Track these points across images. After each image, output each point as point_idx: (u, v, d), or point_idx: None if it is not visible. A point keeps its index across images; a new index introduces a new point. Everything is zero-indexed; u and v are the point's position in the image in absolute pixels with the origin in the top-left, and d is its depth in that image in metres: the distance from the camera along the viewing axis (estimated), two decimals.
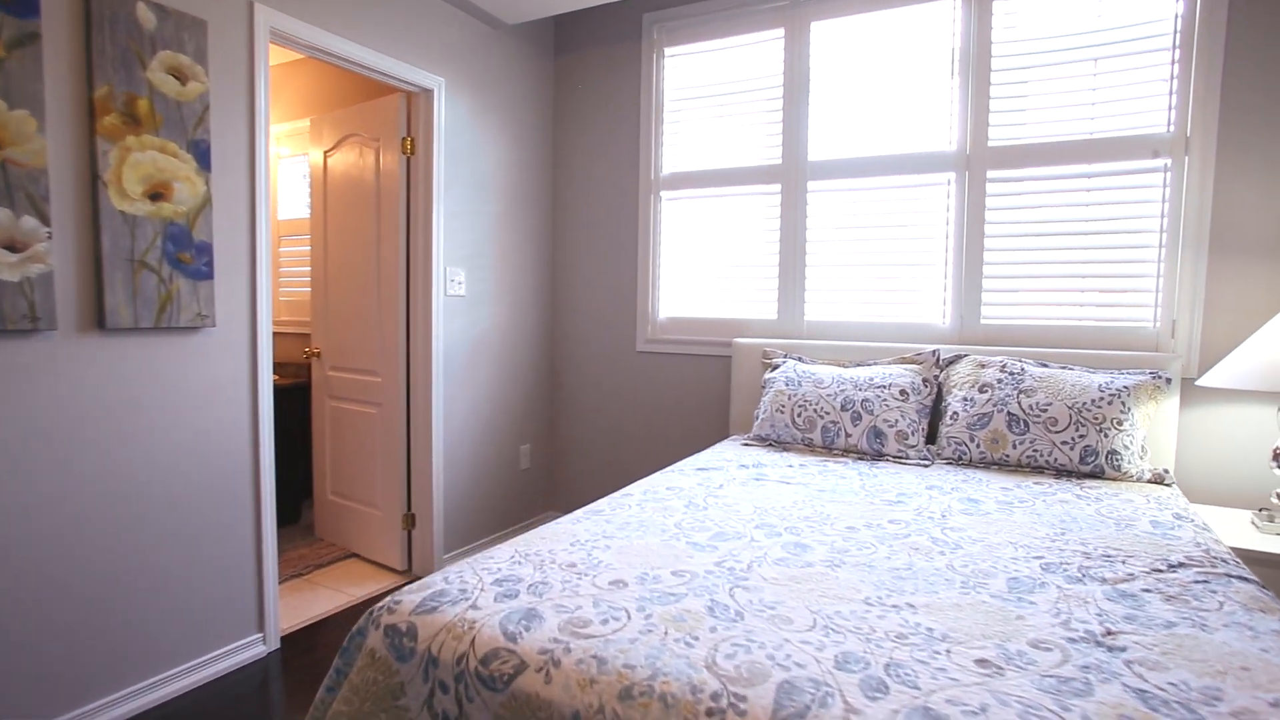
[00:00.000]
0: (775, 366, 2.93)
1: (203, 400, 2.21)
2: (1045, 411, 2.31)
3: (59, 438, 1.87)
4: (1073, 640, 1.14)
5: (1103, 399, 2.26)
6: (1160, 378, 2.31)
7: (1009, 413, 2.36)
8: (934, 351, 2.68)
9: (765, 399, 2.78)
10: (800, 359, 2.93)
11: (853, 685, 0.99)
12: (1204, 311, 2.46)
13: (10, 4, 1.70)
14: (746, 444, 2.76)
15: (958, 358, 2.68)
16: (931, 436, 2.66)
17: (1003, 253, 2.76)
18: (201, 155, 2.13)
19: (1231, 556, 1.55)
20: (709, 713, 0.96)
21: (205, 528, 2.23)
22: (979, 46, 2.74)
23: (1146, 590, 1.35)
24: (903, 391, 2.56)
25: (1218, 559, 1.51)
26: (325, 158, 3.40)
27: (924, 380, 2.61)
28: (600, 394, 3.67)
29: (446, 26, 3.04)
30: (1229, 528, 2.18)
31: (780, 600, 1.28)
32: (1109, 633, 1.17)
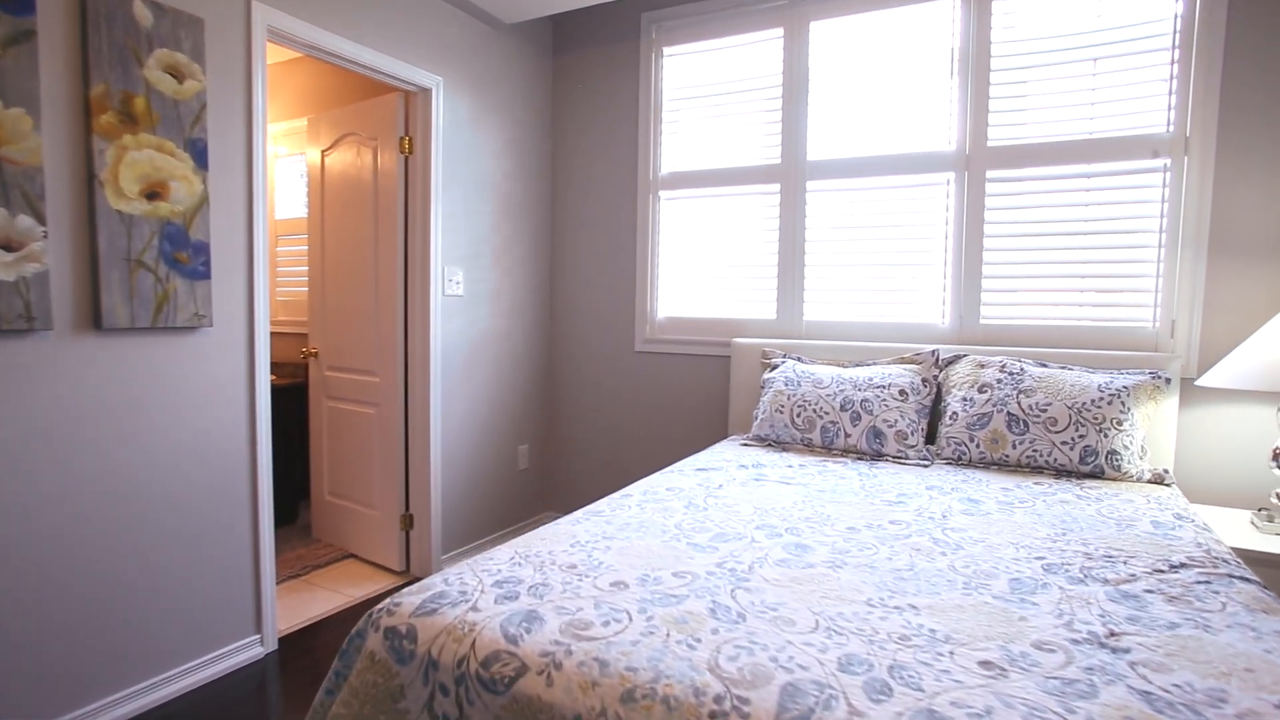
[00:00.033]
0: (774, 366, 2.92)
1: (200, 400, 2.20)
2: (1045, 411, 2.30)
3: (55, 438, 1.86)
4: (1076, 641, 1.14)
5: (1102, 399, 2.26)
6: (1160, 378, 2.31)
7: (1008, 413, 2.36)
8: (933, 351, 2.68)
9: (764, 399, 2.77)
10: (799, 359, 2.93)
11: (856, 687, 0.99)
12: (1203, 311, 2.46)
13: (6, 1, 1.69)
14: (746, 444, 2.76)
15: (957, 358, 2.68)
16: (931, 437, 2.65)
17: (1002, 253, 2.76)
18: (199, 154, 2.12)
19: (1233, 557, 1.55)
20: (712, 716, 0.95)
21: (203, 528, 2.22)
22: (978, 46, 2.74)
23: (1149, 591, 1.35)
24: (902, 391, 2.55)
25: (1219, 559, 1.51)
26: (323, 157, 3.39)
27: (923, 380, 2.60)
28: (599, 394, 3.67)
29: (445, 25, 3.03)
30: (1228, 528, 2.18)
31: (782, 602, 1.28)
32: (1112, 634, 1.16)
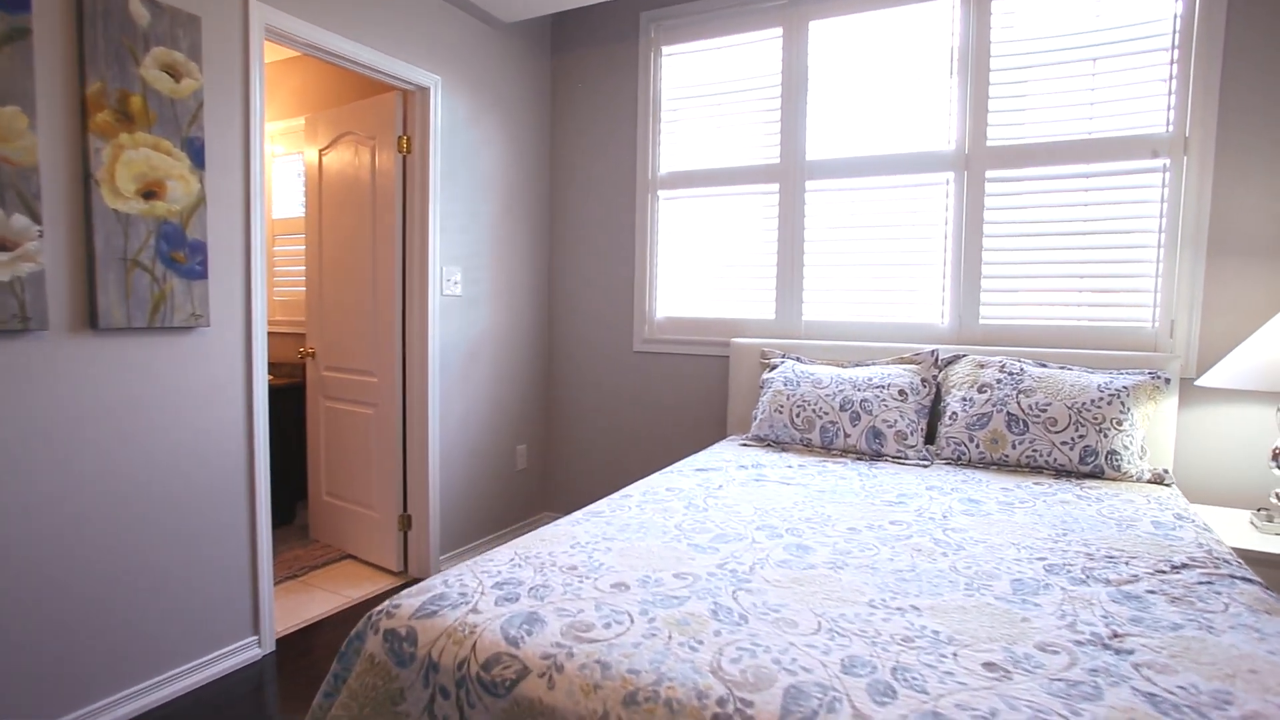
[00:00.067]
0: (773, 366, 2.92)
1: (197, 401, 2.19)
2: (1045, 412, 2.30)
3: (51, 439, 1.84)
4: (1079, 643, 1.13)
5: (1102, 399, 2.26)
6: (1159, 378, 2.31)
7: (1008, 413, 2.35)
8: (932, 351, 2.68)
9: (763, 399, 2.77)
10: (798, 359, 2.92)
11: (860, 690, 0.98)
12: (1202, 311, 2.46)
13: None
14: (745, 444, 2.75)
15: (956, 358, 2.68)
16: (930, 437, 2.65)
17: (1001, 252, 2.76)
18: (196, 153, 2.11)
19: (1234, 557, 1.54)
20: (715, 718, 0.94)
21: (200, 529, 2.21)
22: (978, 46, 2.74)
23: (1151, 592, 1.34)
24: (901, 392, 2.55)
25: (1221, 560, 1.51)
26: (320, 156, 3.38)
27: (922, 380, 2.60)
28: (597, 394, 3.66)
29: (443, 24, 3.02)
30: (1228, 528, 2.18)
31: (784, 603, 1.27)
32: (1115, 635, 1.16)
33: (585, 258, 3.66)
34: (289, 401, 3.77)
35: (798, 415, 2.64)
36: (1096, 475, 2.25)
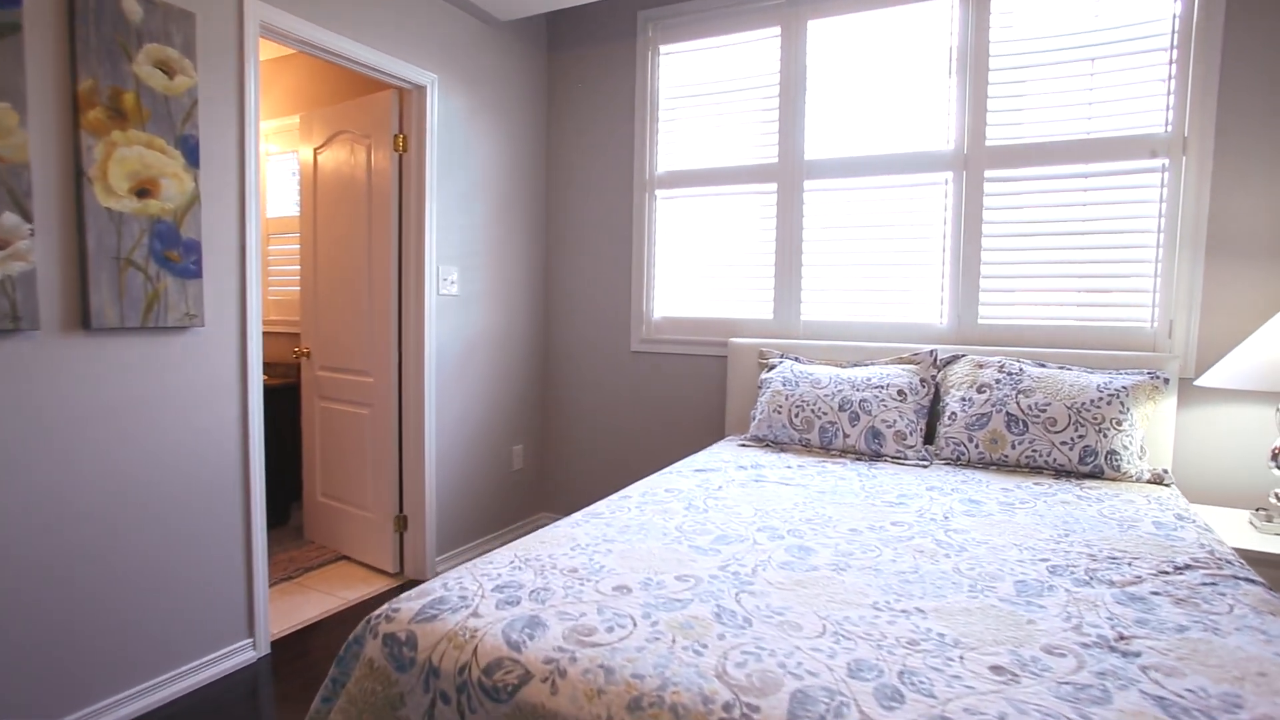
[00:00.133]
0: (772, 367, 2.91)
1: (191, 401, 2.16)
2: (1044, 412, 2.30)
3: (43, 441, 1.81)
4: (1086, 645, 1.12)
5: (1101, 399, 2.26)
6: (1158, 378, 2.31)
7: (1008, 413, 2.35)
8: (931, 352, 2.67)
9: (762, 399, 2.76)
10: (797, 359, 2.91)
11: (867, 694, 0.97)
12: (1201, 311, 2.46)
13: None
14: (744, 445, 2.74)
15: (955, 358, 2.67)
16: (929, 437, 2.64)
17: (1000, 252, 2.75)
18: (190, 151, 2.08)
19: (1236, 558, 1.54)
20: None
21: (195, 530, 2.18)
22: (976, 46, 2.74)
23: (1155, 593, 1.34)
24: (900, 392, 2.54)
25: (1223, 560, 1.50)
26: (315, 155, 3.35)
27: (921, 380, 2.59)
28: (594, 394, 3.64)
29: (439, 22, 3.00)
30: (1227, 528, 2.18)
31: (788, 606, 1.26)
32: (1122, 637, 1.15)
33: (582, 257, 3.64)
34: (283, 402, 3.75)
35: (796, 415, 2.63)
36: (1096, 475, 2.25)
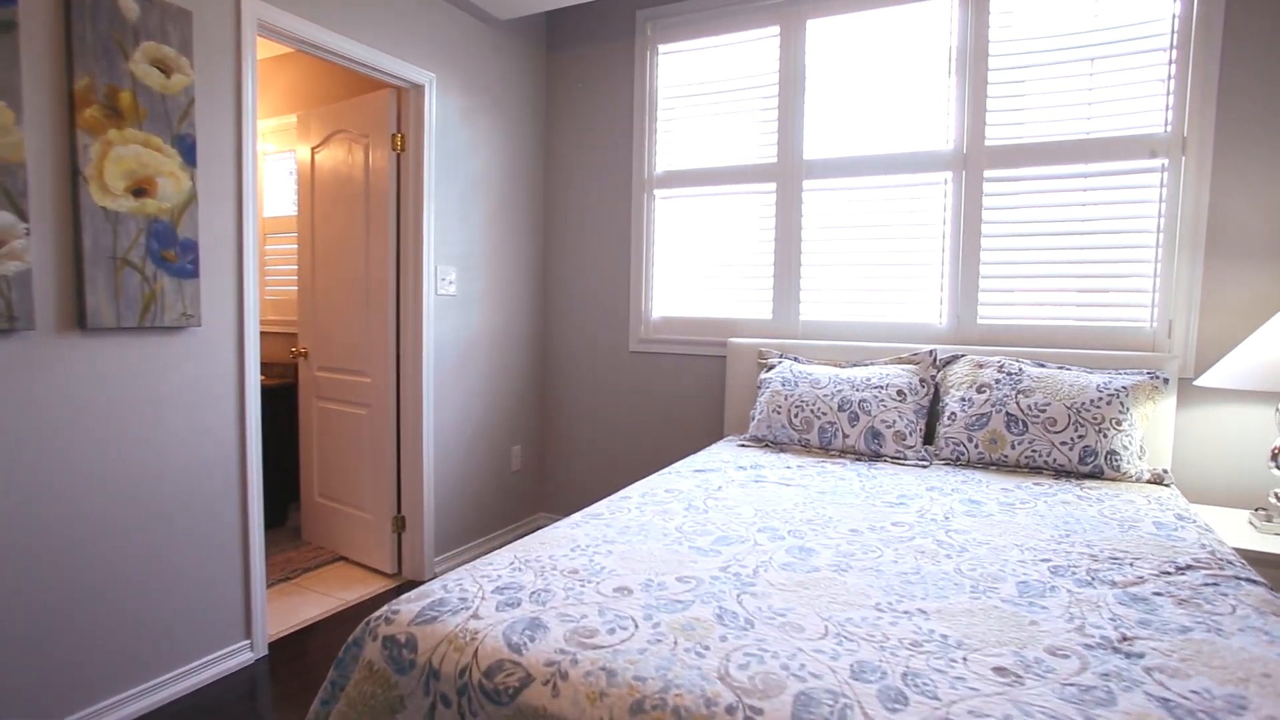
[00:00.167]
0: (771, 367, 2.90)
1: (188, 402, 2.15)
2: (1044, 412, 2.30)
3: (37, 441, 1.80)
4: (1089, 646, 1.12)
5: (1101, 399, 2.26)
6: (1158, 378, 2.31)
7: (1007, 413, 2.35)
8: (931, 352, 2.67)
9: (761, 399, 2.75)
10: (796, 359, 2.91)
11: (871, 696, 0.96)
12: (1200, 312, 2.47)
13: None
14: (743, 445, 2.73)
15: (955, 358, 2.67)
16: (929, 437, 2.64)
17: (1000, 252, 2.75)
18: (187, 150, 2.07)
19: (1237, 558, 1.54)
20: None
21: (192, 531, 2.17)
22: (976, 45, 2.73)
23: (1158, 594, 1.33)
24: (900, 392, 2.54)
25: (1224, 561, 1.50)
26: (313, 154, 3.34)
27: (921, 380, 2.59)
28: (593, 395, 3.63)
29: (438, 21, 2.99)
30: (1227, 528, 2.18)
31: (790, 607, 1.25)
32: (1125, 638, 1.15)
33: (581, 257, 3.63)
34: (281, 402, 3.73)
35: (796, 416, 2.63)
36: (1096, 475, 2.24)
